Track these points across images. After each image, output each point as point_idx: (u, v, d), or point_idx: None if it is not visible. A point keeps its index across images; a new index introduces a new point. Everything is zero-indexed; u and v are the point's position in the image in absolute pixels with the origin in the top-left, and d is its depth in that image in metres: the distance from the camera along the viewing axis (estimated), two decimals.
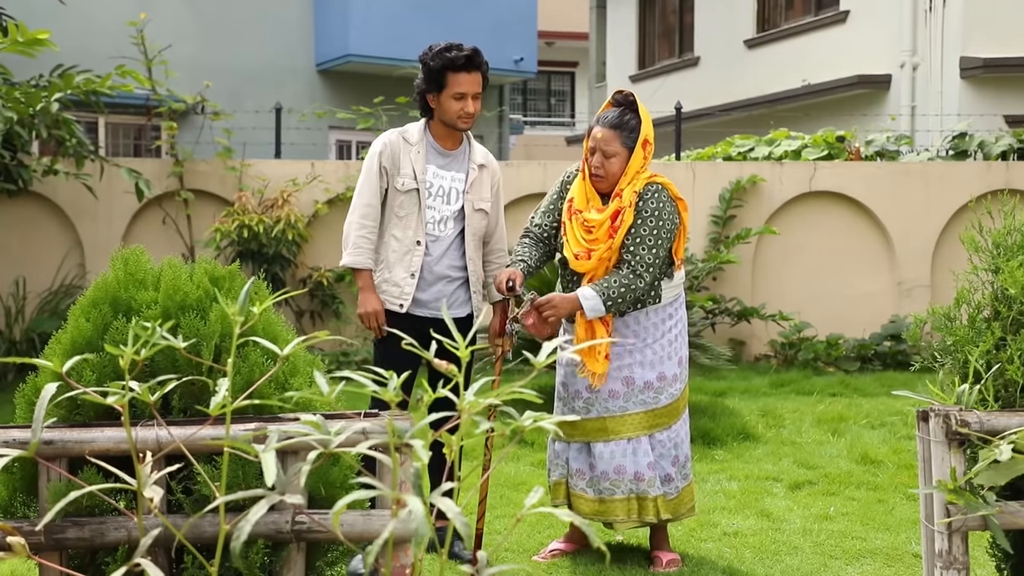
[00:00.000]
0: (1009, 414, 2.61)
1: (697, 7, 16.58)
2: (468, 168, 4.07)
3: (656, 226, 3.75)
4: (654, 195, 3.77)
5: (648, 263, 3.73)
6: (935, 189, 8.99)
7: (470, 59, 3.92)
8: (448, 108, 3.95)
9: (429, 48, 3.99)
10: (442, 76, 3.92)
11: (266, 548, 2.30)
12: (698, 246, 8.77)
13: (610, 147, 3.77)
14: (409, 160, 3.99)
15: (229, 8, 13.23)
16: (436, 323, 3.91)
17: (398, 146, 4.01)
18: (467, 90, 3.93)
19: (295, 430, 1.99)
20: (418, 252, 3.96)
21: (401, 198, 3.97)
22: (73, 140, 7.63)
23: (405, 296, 3.96)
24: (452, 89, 3.93)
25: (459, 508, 1.48)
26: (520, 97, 25.69)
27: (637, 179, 3.79)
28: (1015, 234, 2.99)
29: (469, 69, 3.92)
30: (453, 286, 4.03)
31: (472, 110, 3.96)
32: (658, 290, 3.86)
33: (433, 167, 4.01)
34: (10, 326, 8.21)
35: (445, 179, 4.02)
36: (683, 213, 3.86)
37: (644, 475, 3.83)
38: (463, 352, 1.66)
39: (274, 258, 8.38)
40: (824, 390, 7.60)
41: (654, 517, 3.84)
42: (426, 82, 3.98)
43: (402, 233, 3.98)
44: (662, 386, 3.86)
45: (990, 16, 12.06)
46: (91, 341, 2.43)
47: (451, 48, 3.93)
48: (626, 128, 3.78)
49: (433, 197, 3.99)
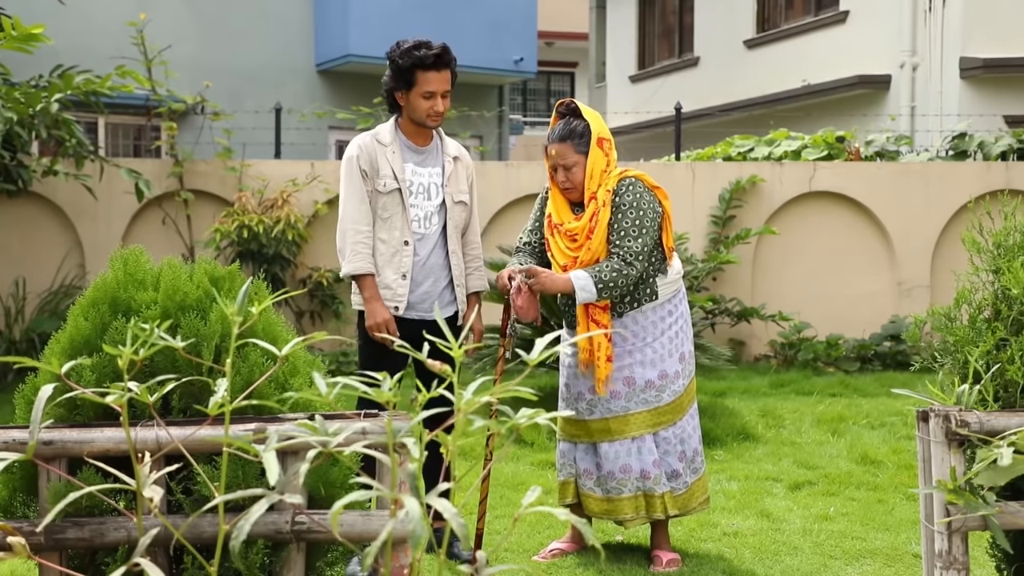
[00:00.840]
0: (1009, 414, 2.61)
1: (697, 7, 16.58)
2: (443, 162, 4.06)
3: (637, 216, 3.75)
4: (629, 188, 3.79)
5: (636, 252, 3.73)
6: (935, 189, 8.99)
7: (439, 57, 3.89)
8: (417, 106, 3.93)
9: (397, 45, 3.95)
10: (411, 74, 3.90)
11: (266, 548, 2.30)
12: (698, 246, 8.77)
13: (567, 160, 3.81)
14: (386, 160, 3.96)
15: (229, 8, 13.22)
16: (427, 324, 3.91)
17: (373, 148, 3.98)
18: (436, 88, 3.90)
19: (294, 430, 1.99)
20: (407, 252, 3.94)
21: (383, 199, 3.95)
22: (73, 140, 7.62)
23: (399, 298, 3.94)
24: (421, 87, 3.90)
25: (456, 508, 1.48)
26: (520, 97, 25.68)
27: (607, 178, 3.81)
28: (1016, 234, 2.99)
29: (438, 67, 3.89)
30: (440, 285, 4.02)
31: (441, 108, 3.94)
32: (654, 287, 3.86)
33: (411, 165, 4.00)
34: (10, 326, 8.21)
35: (423, 176, 4.01)
36: (664, 202, 3.87)
37: (650, 473, 3.84)
38: (456, 352, 1.66)
39: (274, 258, 8.38)
40: (824, 390, 7.60)
41: (662, 513, 3.86)
42: (394, 80, 3.95)
43: (388, 235, 3.95)
44: (664, 384, 3.86)
45: (990, 16, 12.06)
46: (90, 341, 2.43)
47: (420, 46, 3.90)
48: (575, 136, 3.82)
49: (415, 195, 3.97)
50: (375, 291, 3.92)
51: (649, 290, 3.86)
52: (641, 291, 3.85)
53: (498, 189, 8.86)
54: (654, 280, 3.86)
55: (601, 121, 3.88)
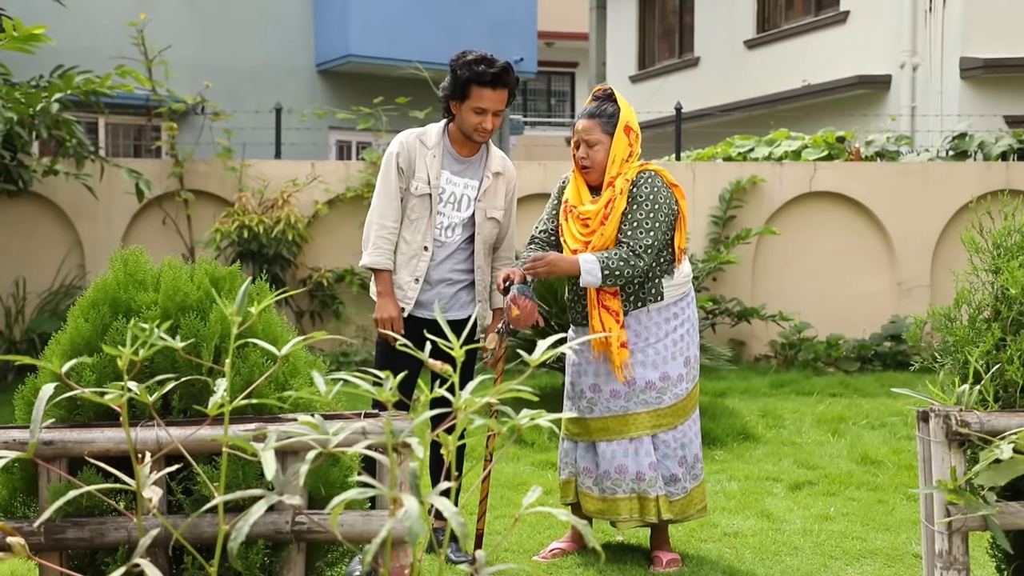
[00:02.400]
0: (1009, 414, 2.61)
1: (697, 7, 16.57)
2: (483, 175, 4.03)
3: (652, 209, 3.76)
4: (648, 181, 3.79)
5: (647, 245, 3.73)
6: (935, 189, 8.99)
7: (498, 76, 3.86)
8: (467, 119, 3.91)
9: (462, 54, 3.93)
10: (467, 87, 3.87)
11: (266, 548, 2.30)
12: (698, 246, 8.77)
13: (592, 136, 3.84)
14: (424, 164, 3.96)
15: (229, 8, 13.22)
16: (435, 324, 3.91)
17: (414, 148, 3.98)
18: (488, 106, 3.88)
19: (294, 430, 1.99)
20: (424, 257, 3.95)
21: (414, 201, 3.95)
22: (73, 140, 7.62)
23: (408, 300, 3.96)
24: (474, 102, 3.87)
25: (456, 508, 1.48)
26: (520, 97, 25.68)
27: (627, 167, 3.81)
28: (1015, 235, 2.99)
29: (495, 86, 3.87)
30: (454, 288, 4.02)
31: (490, 126, 3.91)
32: (659, 287, 3.85)
33: (447, 173, 3.98)
34: (10, 326, 8.21)
35: (458, 185, 3.99)
36: (680, 201, 3.86)
37: (645, 475, 3.83)
38: (457, 352, 1.66)
39: (274, 258, 8.39)
40: (824, 390, 7.60)
41: (655, 517, 3.84)
42: (451, 88, 3.93)
43: (411, 236, 3.96)
44: (665, 386, 3.85)
45: (990, 16, 12.06)
46: (90, 342, 2.43)
47: (481, 61, 3.86)
48: (604, 115, 3.85)
49: (444, 203, 3.97)
50: (389, 287, 3.95)
51: (655, 290, 3.85)
52: (646, 290, 3.85)
53: None
54: (660, 281, 3.85)
55: (632, 113, 3.89)
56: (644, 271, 3.77)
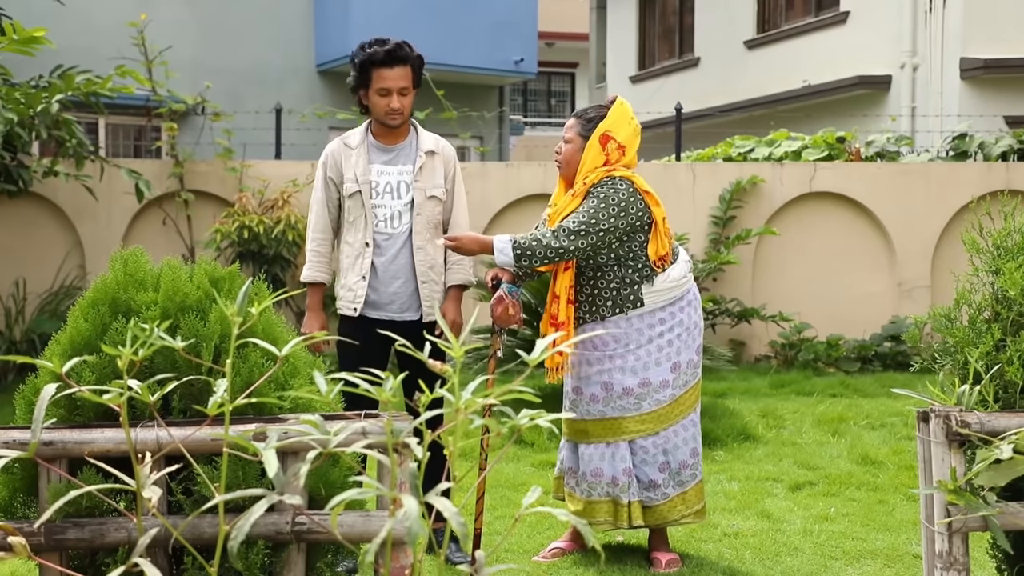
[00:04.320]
0: (1009, 415, 2.61)
1: (697, 8, 16.57)
2: (415, 157, 4.00)
3: (593, 205, 3.72)
4: (607, 183, 3.76)
5: (570, 230, 3.68)
6: (935, 190, 8.99)
7: (391, 53, 3.85)
8: (376, 104, 3.91)
9: (359, 45, 3.94)
10: (367, 71, 3.88)
11: (266, 549, 2.30)
12: (698, 246, 8.77)
13: (569, 133, 3.89)
14: (351, 164, 3.96)
15: (229, 8, 13.22)
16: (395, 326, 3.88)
17: (339, 154, 4.00)
18: (391, 85, 3.87)
19: (294, 429, 1.99)
20: (367, 254, 3.92)
21: (348, 204, 3.97)
22: (73, 141, 7.62)
23: (357, 300, 3.94)
24: (377, 84, 3.87)
25: (456, 508, 1.48)
26: (520, 98, 25.69)
27: (596, 173, 3.80)
28: (1015, 235, 2.99)
29: (391, 64, 3.85)
30: (410, 287, 3.95)
31: (398, 105, 3.89)
32: (638, 294, 3.79)
33: (377, 165, 3.97)
34: (10, 327, 8.21)
35: (391, 174, 3.97)
36: (653, 208, 3.80)
37: (619, 480, 3.82)
38: (458, 352, 1.66)
39: (274, 259, 8.39)
40: (824, 391, 7.60)
41: (626, 524, 3.82)
42: (355, 79, 3.94)
43: (352, 238, 3.97)
44: (645, 392, 3.81)
45: (990, 16, 12.06)
46: (90, 342, 2.43)
47: (374, 43, 3.88)
48: (584, 118, 3.88)
49: (381, 195, 3.94)
50: (316, 302, 4.05)
51: (632, 297, 3.80)
52: (624, 297, 3.80)
53: (498, 190, 8.86)
54: (639, 287, 3.80)
55: (622, 125, 3.83)
56: (562, 254, 3.68)
